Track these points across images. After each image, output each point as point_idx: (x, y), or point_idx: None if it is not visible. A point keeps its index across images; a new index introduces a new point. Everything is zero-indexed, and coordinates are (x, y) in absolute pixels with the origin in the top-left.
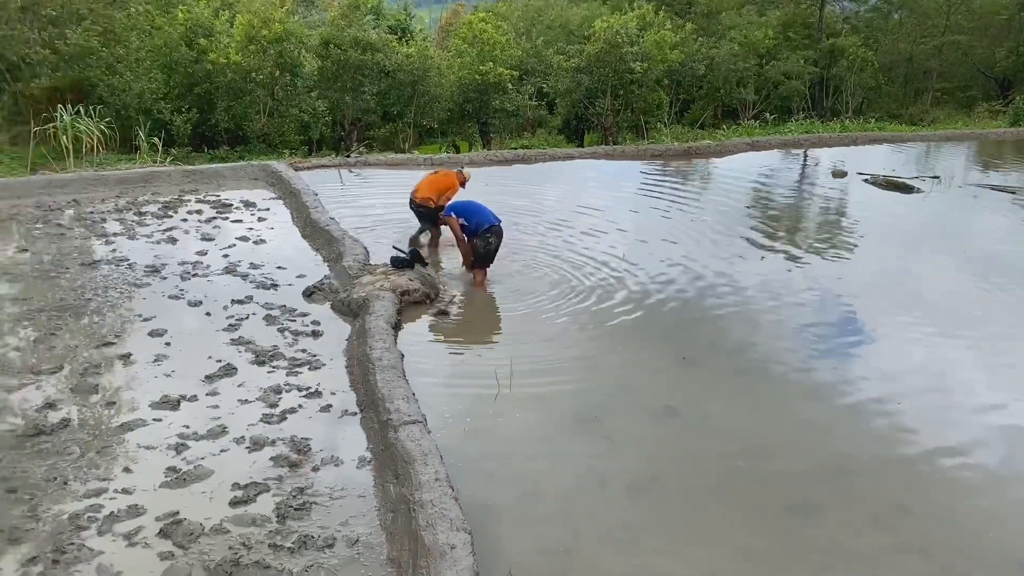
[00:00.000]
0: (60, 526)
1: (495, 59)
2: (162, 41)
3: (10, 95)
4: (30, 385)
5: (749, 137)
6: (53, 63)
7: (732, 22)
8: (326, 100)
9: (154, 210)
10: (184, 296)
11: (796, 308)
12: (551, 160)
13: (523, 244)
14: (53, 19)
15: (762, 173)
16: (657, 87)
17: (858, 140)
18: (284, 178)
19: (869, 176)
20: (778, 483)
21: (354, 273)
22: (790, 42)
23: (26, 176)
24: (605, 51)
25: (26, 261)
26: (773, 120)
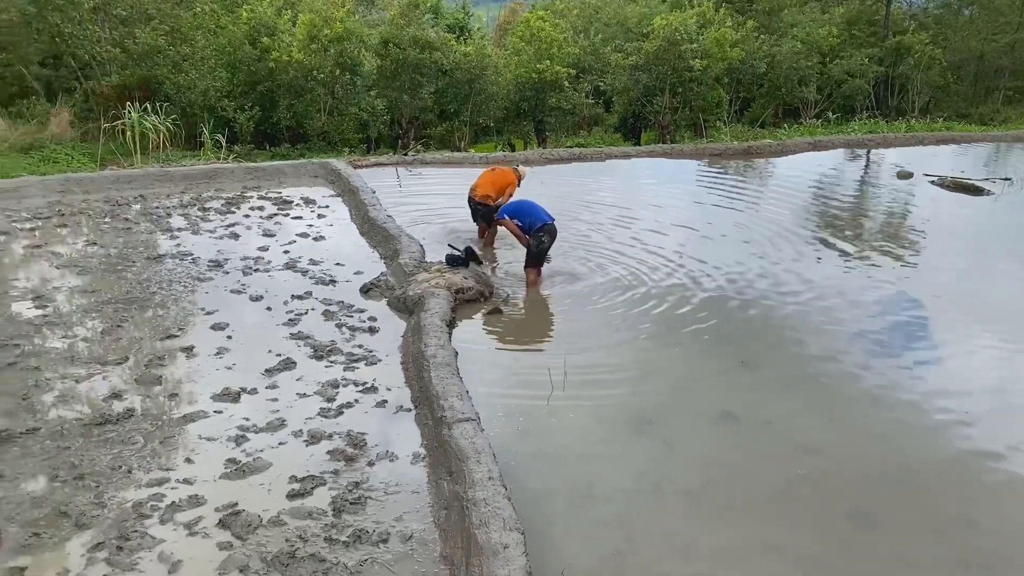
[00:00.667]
0: (124, 513)
1: (552, 57)
2: (226, 40)
3: (81, 93)
4: (97, 375)
5: (811, 137)
6: (122, 62)
7: (794, 19)
8: (384, 99)
9: (217, 206)
10: (246, 291)
11: (859, 312)
12: (607, 159)
13: (578, 243)
14: (123, 19)
15: (824, 173)
16: (716, 85)
17: (924, 140)
18: (343, 176)
19: (936, 177)
20: (840, 491)
21: (410, 271)
22: (854, 40)
23: (95, 172)
24: (664, 49)
25: (94, 254)
26: (836, 119)
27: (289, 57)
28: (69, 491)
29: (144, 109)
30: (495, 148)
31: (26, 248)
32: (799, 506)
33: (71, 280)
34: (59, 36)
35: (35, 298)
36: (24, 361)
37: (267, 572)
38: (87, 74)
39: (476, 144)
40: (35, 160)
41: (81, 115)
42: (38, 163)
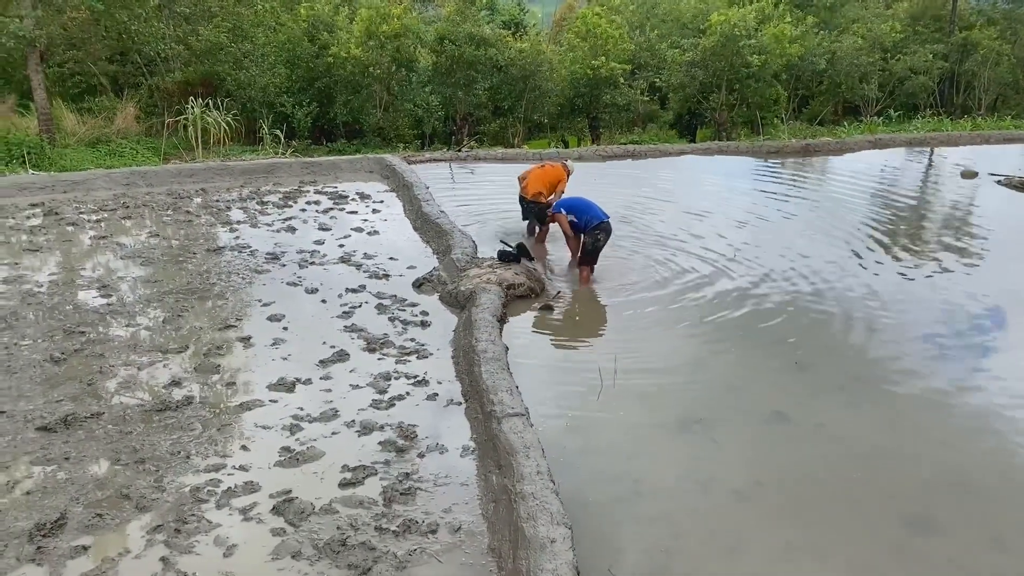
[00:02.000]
0: (182, 498)
1: (607, 53)
2: (286, 37)
3: (146, 89)
4: (158, 363)
5: (872, 134)
6: (186, 58)
7: (856, 15)
8: (439, 95)
9: (275, 200)
10: (302, 283)
11: (918, 314)
12: (662, 156)
13: (631, 240)
14: (187, 16)
15: (885, 172)
16: (774, 82)
17: (991, 139)
18: (398, 171)
19: (1003, 177)
20: (895, 496)
21: (462, 266)
22: (918, 35)
23: (159, 165)
24: (721, 45)
25: (157, 246)
26: (898, 117)
27: (347, 53)
28: (130, 474)
29: (206, 105)
30: (549, 145)
31: (93, 239)
32: (852, 510)
33: (135, 270)
34: (126, 33)
35: (100, 287)
36: (90, 348)
37: (318, 559)
38: (152, 70)
39: (530, 141)
40: (102, 154)
41: (146, 110)
42: (105, 156)
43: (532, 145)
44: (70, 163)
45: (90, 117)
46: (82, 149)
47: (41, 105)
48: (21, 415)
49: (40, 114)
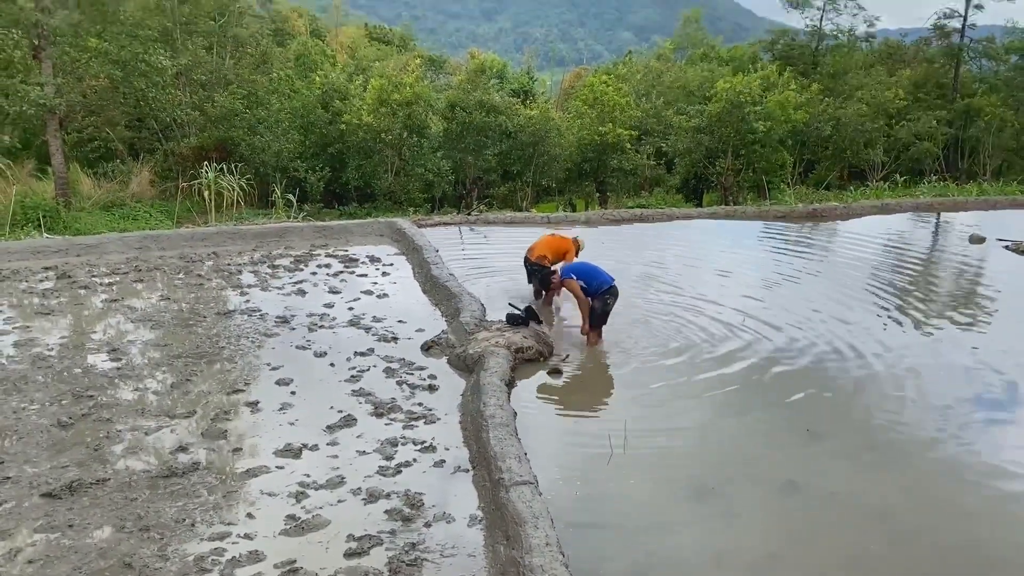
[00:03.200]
0: (186, 567)
1: (614, 120)
2: (300, 103)
3: (162, 153)
4: (165, 428)
5: (878, 199)
6: (201, 124)
7: (860, 82)
8: (450, 159)
9: (286, 263)
10: (311, 347)
11: (930, 381)
12: (669, 220)
13: (640, 304)
14: (203, 83)
15: (893, 237)
16: (780, 147)
17: (997, 204)
18: (408, 234)
19: (1011, 243)
20: (912, 568)
21: (470, 329)
22: (921, 102)
23: (172, 229)
24: (727, 111)
25: (168, 309)
26: (904, 182)
27: (359, 120)
28: (134, 543)
29: (220, 169)
30: (557, 208)
31: (104, 302)
32: None
33: (145, 334)
34: (144, 100)
35: (110, 351)
36: (97, 412)
37: None
38: (168, 135)
39: (538, 204)
40: (116, 217)
41: (161, 174)
42: (119, 220)
43: (540, 209)
44: (85, 226)
45: (106, 181)
46: (97, 212)
47: (58, 170)
48: (27, 481)
49: (57, 178)
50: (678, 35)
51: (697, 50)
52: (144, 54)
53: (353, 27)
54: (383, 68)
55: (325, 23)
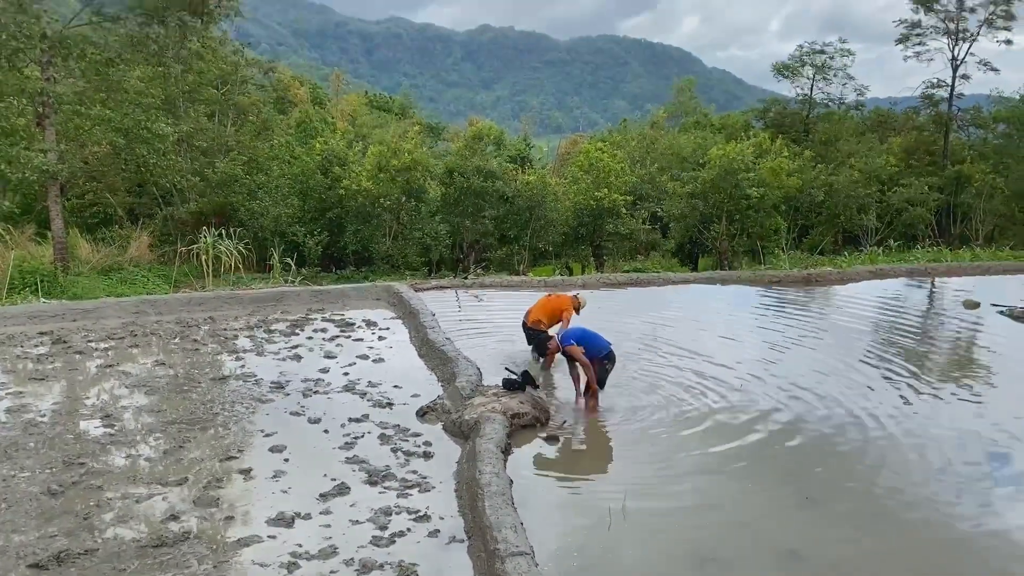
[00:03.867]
0: None
1: (610, 185)
2: (299, 169)
3: (161, 219)
4: (157, 495)
5: (872, 264)
6: (201, 189)
7: (851, 149)
8: (447, 224)
9: (282, 328)
10: (305, 413)
11: (930, 447)
12: (665, 284)
13: (638, 369)
14: (204, 150)
15: (888, 302)
16: (774, 212)
17: (991, 270)
18: (404, 298)
19: (1005, 308)
20: None
21: (466, 394)
22: (913, 169)
23: (169, 294)
24: (720, 177)
25: (163, 375)
26: (897, 247)
27: (358, 185)
28: None
29: (219, 234)
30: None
31: (99, 367)
32: None
33: (139, 399)
34: (145, 166)
35: (104, 416)
36: (88, 480)
37: None
38: (168, 201)
39: (535, 267)
40: (114, 282)
41: (159, 239)
42: (116, 284)
43: (537, 272)
44: (82, 291)
45: (104, 246)
46: (94, 277)
47: (57, 234)
48: (14, 550)
49: (56, 243)
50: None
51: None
52: (147, 121)
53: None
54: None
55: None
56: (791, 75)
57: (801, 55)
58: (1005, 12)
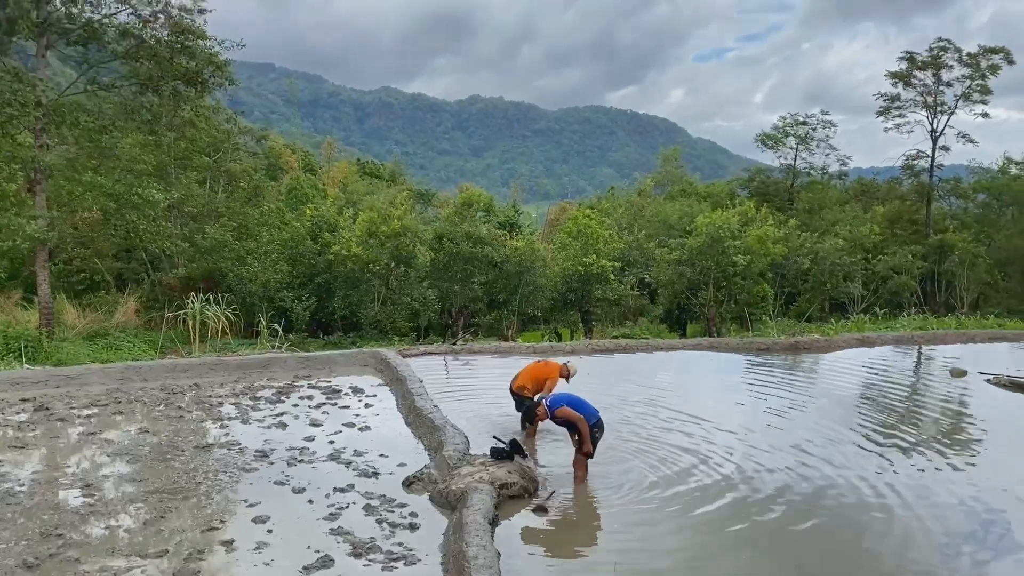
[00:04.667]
0: None
1: (598, 251)
2: (289, 235)
3: (149, 284)
4: (136, 568)
5: (859, 332)
6: (190, 255)
7: (835, 217)
8: (436, 289)
9: (268, 395)
10: (289, 482)
11: (925, 517)
12: (654, 350)
13: (628, 438)
14: (194, 216)
15: (875, 370)
16: (761, 280)
17: (976, 337)
18: (392, 365)
19: (992, 376)
20: None
21: (454, 463)
22: (896, 238)
23: (154, 360)
24: (707, 244)
25: (146, 442)
26: (883, 314)
27: (348, 251)
28: None
29: (206, 299)
30: (542, 337)
31: (81, 435)
32: None
33: (121, 468)
34: (135, 232)
35: (84, 486)
36: (65, 552)
37: None
38: (156, 266)
39: (523, 332)
40: (99, 347)
41: (146, 304)
42: (102, 350)
43: (526, 337)
44: (66, 356)
45: (91, 311)
46: (80, 342)
47: (44, 300)
48: None
49: (42, 308)
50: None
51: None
52: (138, 187)
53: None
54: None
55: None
56: (774, 145)
57: (784, 126)
58: (981, 87)
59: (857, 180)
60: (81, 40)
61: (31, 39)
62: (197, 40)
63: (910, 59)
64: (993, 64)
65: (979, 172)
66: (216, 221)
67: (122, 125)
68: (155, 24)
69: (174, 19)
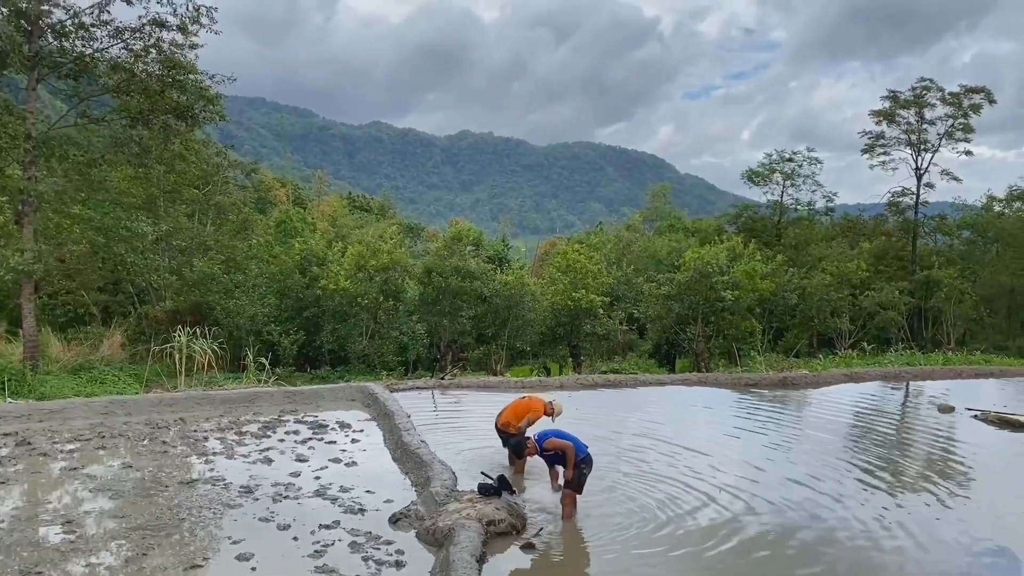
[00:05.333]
0: None
1: (587, 286)
2: (278, 268)
3: (135, 317)
4: None
5: (847, 368)
6: (177, 288)
7: (822, 253)
8: (425, 323)
9: (254, 430)
10: (274, 519)
11: (916, 554)
12: (643, 385)
13: (616, 473)
14: (183, 249)
15: (864, 406)
16: (749, 315)
17: (963, 373)
18: (379, 399)
19: (979, 412)
20: None
21: (441, 500)
22: (883, 274)
23: (139, 394)
24: (695, 280)
25: (129, 478)
26: (871, 350)
27: (336, 285)
28: None
29: (193, 333)
30: (531, 372)
31: (63, 470)
32: None
33: (103, 503)
34: (122, 265)
35: (65, 523)
36: None
37: None
38: (143, 299)
39: (512, 367)
40: (84, 381)
41: (132, 337)
42: (86, 384)
43: (514, 372)
44: (50, 390)
45: (76, 344)
46: (64, 376)
47: (29, 333)
48: None
49: (27, 341)
50: (647, 208)
51: (665, 221)
52: (127, 220)
53: (335, 196)
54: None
55: (307, 192)
56: (761, 181)
57: (771, 162)
58: (963, 125)
59: (844, 216)
60: (72, 74)
61: (22, 72)
62: (188, 74)
63: (893, 98)
64: (975, 103)
65: (963, 209)
66: (204, 254)
67: (111, 158)
68: (146, 58)
69: (165, 54)
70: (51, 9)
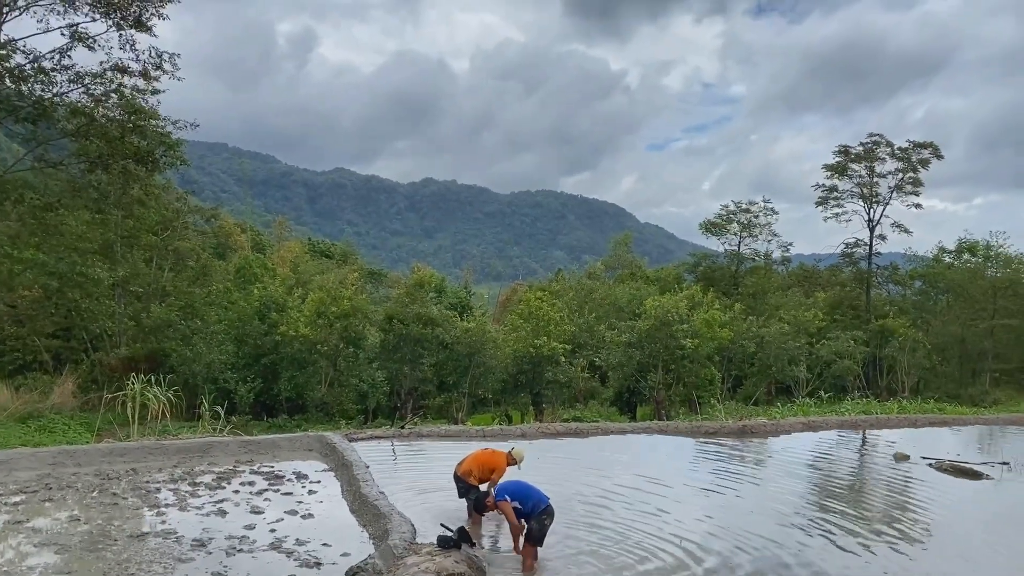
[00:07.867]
0: None
1: (549, 333)
2: (236, 315)
3: (88, 364)
4: None
5: (805, 416)
6: (133, 334)
7: (779, 302)
8: (385, 370)
9: (208, 480)
10: (227, 573)
11: None
12: (604, 434)
13: (576, 523)
14: (140, 295)
15: (821, 454)
16: (708, 363)
17: (918, 422)
18: (338, 450)
19: (934, 460)
20: None
21: (399, 553)
22: (838, 323)
23: (90, 444)
24: (656, 328)
25: (76, 532)
26: (828, 398)
27: (296, 331)
28: None
29: (148, 380)
30: (493, 420)
31: (6, 524)
32: None
33: (47, 558)
34: (76, 310)
35: None
36: None
37: None
38: (96, 346)
39: (473, 415)
40: (31, 430)
41: (84, 385)
42: (34, 433)
43: (476, 420)
44: None
45: (25, 392)
46: (11, 425)
47: None
48: None
49: None
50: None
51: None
52: (82, 266)
53: (296, 242)
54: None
55: (268, 238)
56: (718, 232)
57: (727, 213)
58: (913, 179)
59: (800, 266)
60: (30, 117)
61: None
62: (149, 120)
63: (845, 152)
64: (923, 158)
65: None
66: (162, 300)
67: (68, 202)
68: (107, 103)
69: (127, 99)
70: (10, 53)
